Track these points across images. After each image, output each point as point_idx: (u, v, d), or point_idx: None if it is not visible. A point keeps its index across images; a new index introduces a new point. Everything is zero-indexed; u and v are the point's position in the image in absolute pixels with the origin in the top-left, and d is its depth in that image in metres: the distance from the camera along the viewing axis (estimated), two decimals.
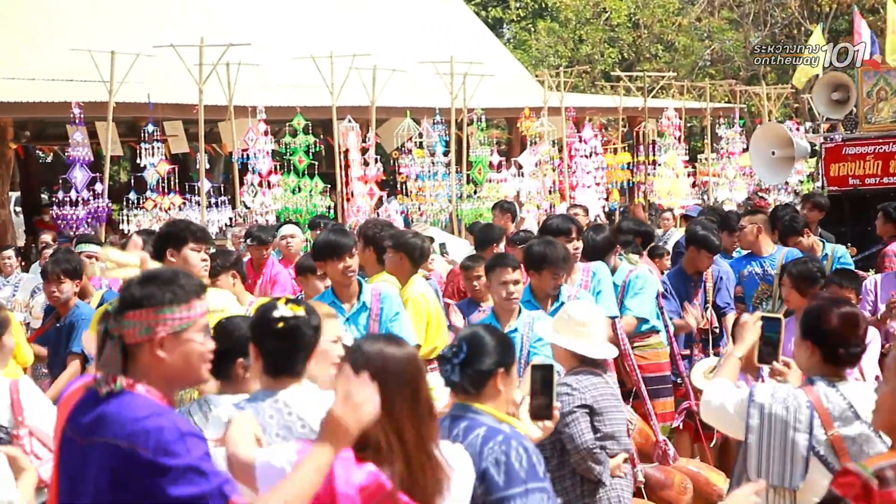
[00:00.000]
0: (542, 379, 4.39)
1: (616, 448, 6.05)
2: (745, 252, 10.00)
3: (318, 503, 3.31)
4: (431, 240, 9.90)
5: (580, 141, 21.90)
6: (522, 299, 7.37)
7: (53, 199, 17.03)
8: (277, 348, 4.15)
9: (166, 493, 3.21)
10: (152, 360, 3.37)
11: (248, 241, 11.01)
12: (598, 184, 21.84)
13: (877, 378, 6.25)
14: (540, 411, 4.38)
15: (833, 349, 4.44)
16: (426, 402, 3.49)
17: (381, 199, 17.83)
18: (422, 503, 3.42)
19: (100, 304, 7.91)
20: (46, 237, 13.53)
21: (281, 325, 4.11)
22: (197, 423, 4.26)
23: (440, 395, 3.94)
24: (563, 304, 7.31)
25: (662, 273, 9.77)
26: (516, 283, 6.91)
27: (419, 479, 3.40)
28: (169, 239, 6.20)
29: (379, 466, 3.38)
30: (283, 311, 4.14)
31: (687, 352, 8.85)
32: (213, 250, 9.11)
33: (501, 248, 9.79)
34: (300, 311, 4.18)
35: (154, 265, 5.05)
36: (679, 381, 8.62)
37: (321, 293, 7.28)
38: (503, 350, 4.11)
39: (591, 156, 21.88)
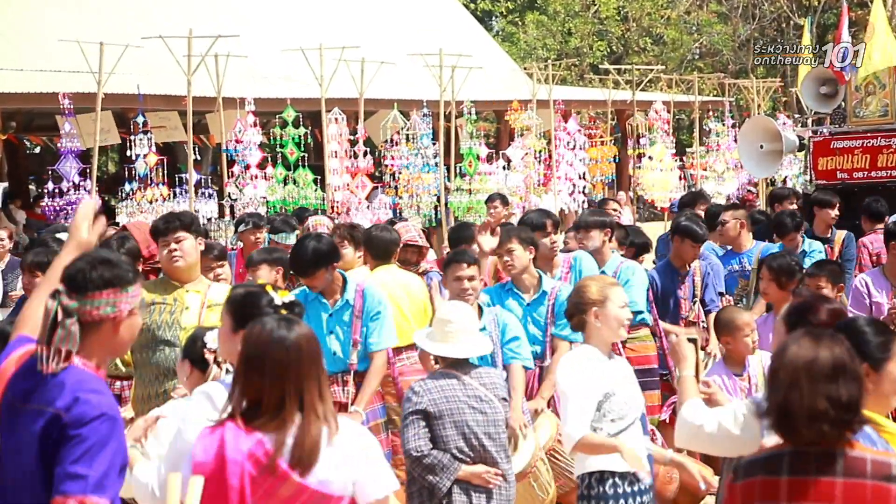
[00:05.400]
0: None
1: (467, 454, 5.79)
2: (725, 249, 10.01)
3: (208, 469, 3.58)
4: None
5: (565, 132, 21.86)
6: (505, 287, 7.43)
7: (43, 189, 17.01)
8: None
9: (63, 461, 3.45)
10: (108, 335, 3.66)
11: (243, 225, 11.04)
12: (581, 177, 21.82)
13: None
14: None
15: None
16: (324, 376, 3.82)
17: (374, 190, 17.84)
18: (299, 467, 3.64)
19: None
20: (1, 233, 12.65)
21: (285, 311, 4.23)
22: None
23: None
24: (544, 293, 7.37)
25: None
26: (471, 278, 6.92)
27: (297, 449, 3.65)
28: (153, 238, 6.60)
29: (266, 434, 3.65)
30: (278, 297, 4.26)
31: None
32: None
33: (474, 248, 9.83)
34: (293, 296, 4.34)
35: None
36: (666, 374, 8.63)
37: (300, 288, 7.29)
38: (874, 342, 3.94)
39: (575, 149, 21.86)
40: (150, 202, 15.39)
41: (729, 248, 10.03)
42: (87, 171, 15.56)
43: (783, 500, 3.42)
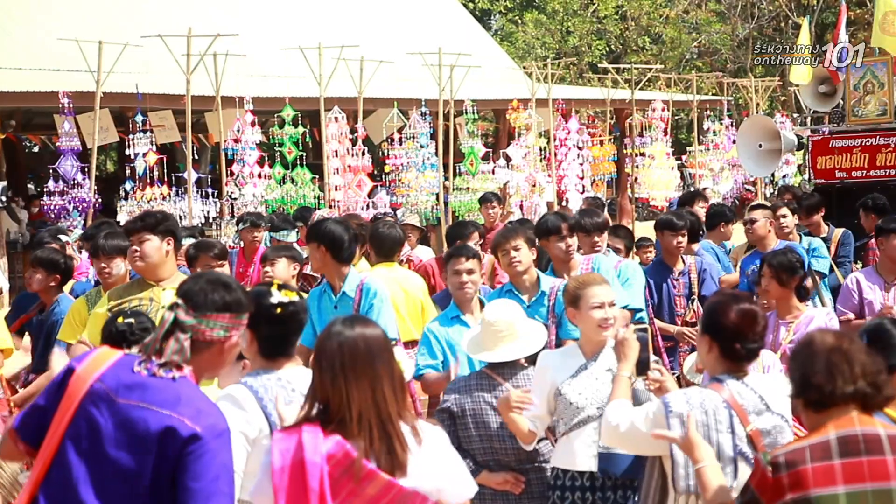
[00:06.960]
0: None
1: (491, 455, 5.74)
2: (751, 250, 9.96)
3: (287, 473, 3.55)
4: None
5: (563, 130, 21.86)
6: (504, 289, 7.39)
7: (42, 188, 17.04)
8: (274, 333, 4.29)
9: (201, 476, 3.46)
10: (215, 357, 3.72)
11: (242, 223, 11.03)
12: (581, 177, 21.83)
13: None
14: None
15: (730, 344, 4.40)
16: (399, 377, 3.74)
17: (373, 188, 17.86)
18: (386, 471, 3.62)
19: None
20: None
21: (279, 311, 4.26)
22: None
23: (405, 366, 4.02)
24: (543, 293, 7.32)
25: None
26: (469, 272, 6.87)
27: (383, 450, 3.62)
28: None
29: (345, 438, 3.59)
30: (278, 297, 4.27)
31: (670, 344, 8.84)
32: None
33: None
34: (294, 297, 4.32)
35: None
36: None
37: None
38: None
39: (581, 148, 21.88)
40: (149, 201, 15.41)
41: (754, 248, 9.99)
42: (87, 169, 15.57)
43: (840, 482, 3.52)
